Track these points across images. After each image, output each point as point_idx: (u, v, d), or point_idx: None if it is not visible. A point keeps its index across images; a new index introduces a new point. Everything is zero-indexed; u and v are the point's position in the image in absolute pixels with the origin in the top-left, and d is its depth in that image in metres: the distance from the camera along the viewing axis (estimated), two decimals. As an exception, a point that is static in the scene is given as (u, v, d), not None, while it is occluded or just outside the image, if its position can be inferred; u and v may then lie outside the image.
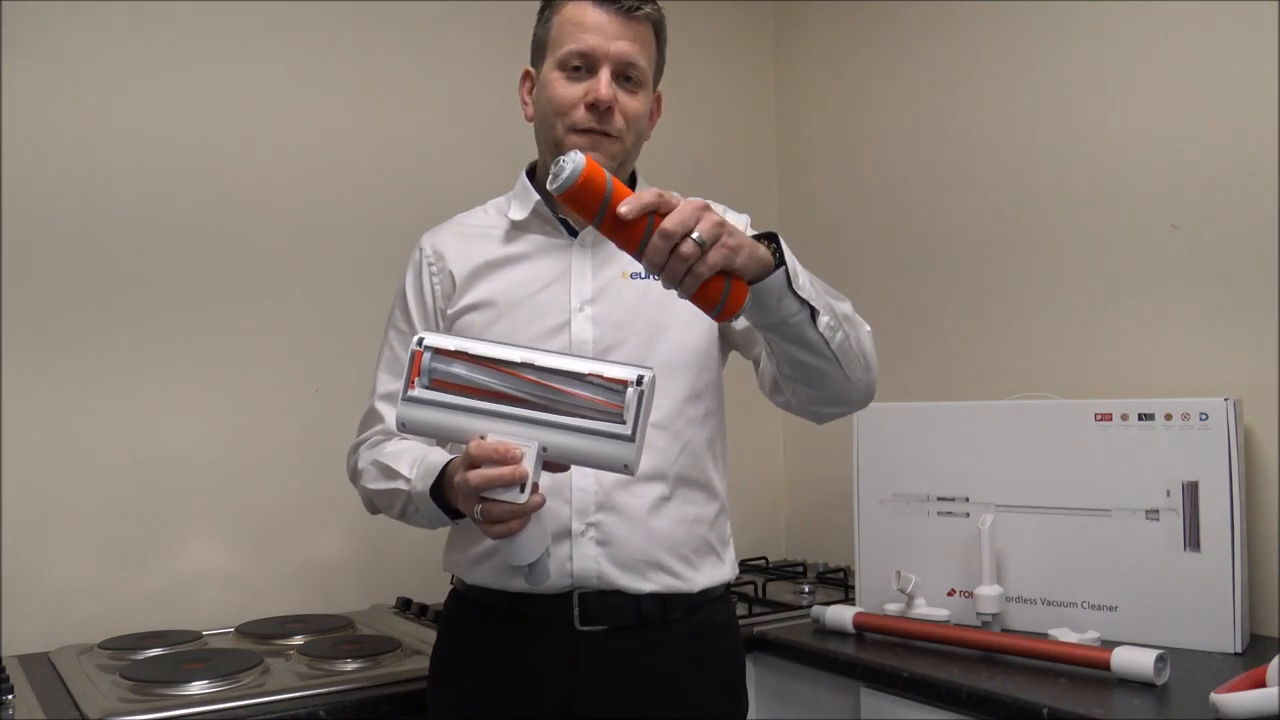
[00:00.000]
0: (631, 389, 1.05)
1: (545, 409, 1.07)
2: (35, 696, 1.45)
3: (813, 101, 2.47)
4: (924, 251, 2.16)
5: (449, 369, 1.08)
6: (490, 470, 1.05)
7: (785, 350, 1.16)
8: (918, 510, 1.81)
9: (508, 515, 1.06)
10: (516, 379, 1.07)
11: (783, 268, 1.06)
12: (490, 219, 1.40)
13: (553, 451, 1.07)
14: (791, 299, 1.09)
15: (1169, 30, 1.76)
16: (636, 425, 1.05)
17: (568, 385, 1.07)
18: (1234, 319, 1.68)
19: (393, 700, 1.44)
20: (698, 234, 0.98)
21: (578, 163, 0.99)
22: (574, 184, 0.98)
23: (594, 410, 1.06)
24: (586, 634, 1.26)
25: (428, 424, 1.10)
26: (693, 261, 0.98)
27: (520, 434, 1.07)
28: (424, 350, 1.09)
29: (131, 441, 1.83)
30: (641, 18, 1.28)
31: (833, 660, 1.62)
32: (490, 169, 1.68)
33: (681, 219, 0.98)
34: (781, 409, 1.33)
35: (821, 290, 1.14)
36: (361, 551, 2.01)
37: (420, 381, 1.08)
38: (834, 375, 1.19)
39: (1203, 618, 1.55)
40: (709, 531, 1.34)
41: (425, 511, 1.25)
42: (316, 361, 1.97)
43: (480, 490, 1.06)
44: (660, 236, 0.98)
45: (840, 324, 1.15)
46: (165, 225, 1.87)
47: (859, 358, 1.20)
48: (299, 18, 2.00)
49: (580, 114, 1.28)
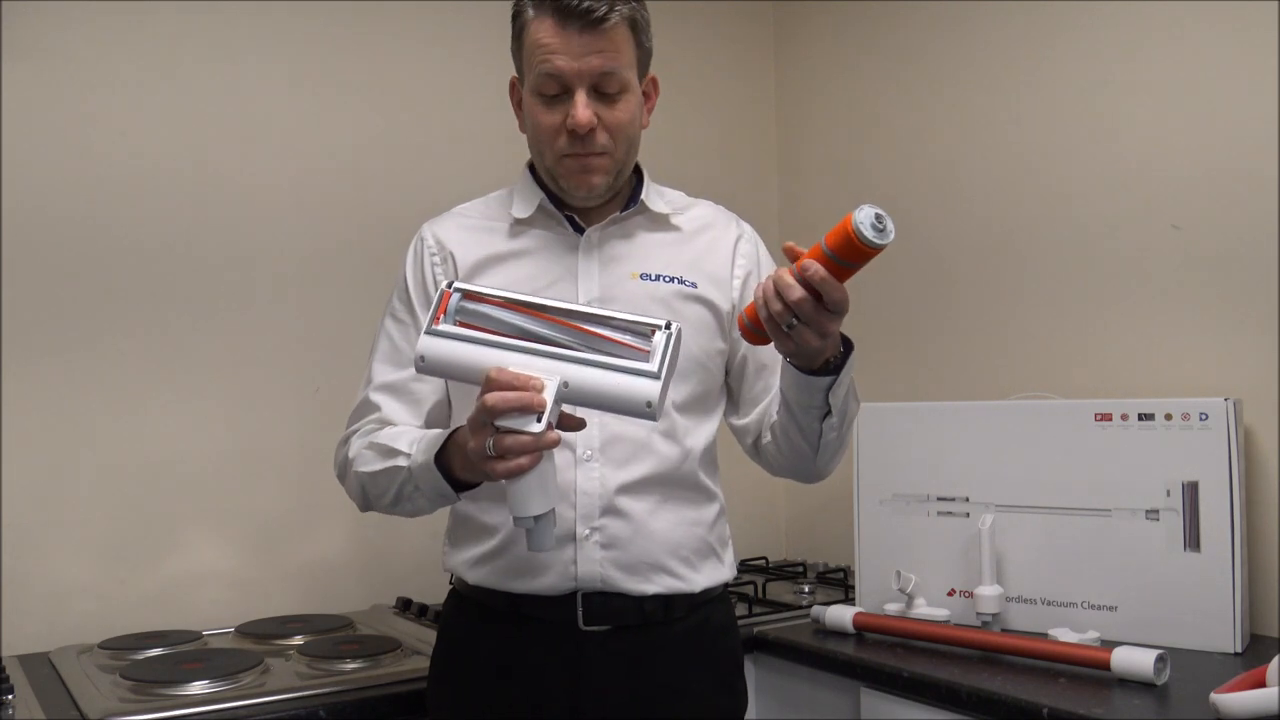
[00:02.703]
0: (660, 333, 1.06)
1: (570, 348, 1.07)
2: (35, 696, 1.45)
3: (813, 101, 2.47)
4: (924, 251, 2.16)
5: (477, 308, 1.09)
6: (508, 393, 1.03)
7: (785, 415, 1.28)
8: (918, 510, 1.81)
9: (520, 448, 1.03)
10: (543, 320, 1.07)
11: (832, 376, 1.20)
12: (492, 211, 1.38)
13: (574, 387, 1.05)
14: (821, 397, 1.22)
15: (1169, 31, 1.76)
16: (663, 366, 1.04)
17: (595, 327, 1.08)
18: (1234, 319, 1.68)
19: (393, 700, 1.44)
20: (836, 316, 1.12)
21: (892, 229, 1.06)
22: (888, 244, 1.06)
23: (621, 351, 1.06)
24: (590, 634, 1.26)
25: (449, 357, 1.08)
26: (805, 333, 1.12)
27: (543, 368, 1.05)
28: (453, 292, 1.10)
29: (131, 442, 1.83)
30: (610, 25, 1.21)
31: (833, 660, 1.62)
32: (490, 169, 1.68)
33: (843, 299, 1.11)
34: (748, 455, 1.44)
35: (845, 396, 1.25)
36: (361, 551, 2.01)
37: (446, 320, 1.09)
38: (807, 453, 1.30)
39: (1203, 618, 1.55)
40: (709, 533, 1.34)
41: (426, 485, 1.19)
42: (316, 362, 1.97)
43: (496, 414, 1.03)
44: (829, 304, 1.10)
45: (840, 427, 1.27)
46: (165, 225, 1.87)
47: (836, 455, 1.33)
48: (299, 19, 2.00)
49: (562, 142, 1.25)
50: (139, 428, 1.83)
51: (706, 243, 1.39)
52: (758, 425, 1.39)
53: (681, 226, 1.38)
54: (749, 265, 1.39)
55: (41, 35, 1.78)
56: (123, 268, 1.83)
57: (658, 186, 1.40)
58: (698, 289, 1.34)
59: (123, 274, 1.83)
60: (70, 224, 1.79)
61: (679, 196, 1.43)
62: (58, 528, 1.76)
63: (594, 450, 1.27)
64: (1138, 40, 1.80)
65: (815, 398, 1.23)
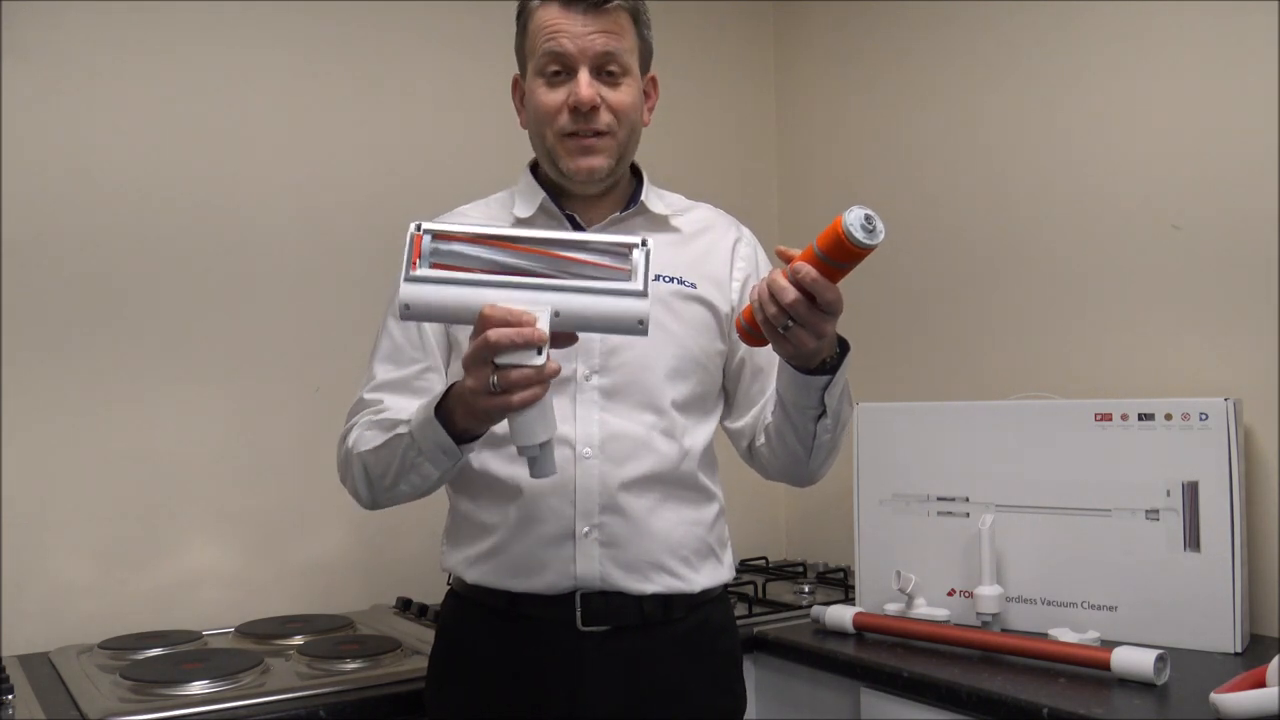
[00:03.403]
0: (638, 250, 1.07)
1: (551, 277, 1.06)
2: (35, 696, 1.45)
3: (813, 101, 2.47)
4: (924, 251, 2.16)
5: (451, 248, 1.07)
6: (509, 329, 1.02)
7: (780, 416, 1.30)
8: (918, 510, 1.81)
9: (527, 380, 1.03)
10: (520, 252, 1.07)
11: (827, 375, 1.22)
12: (493, 212, 1.39)
13: (565, 315, 1.05)
14: (818, 396, 1.24)
15: (1169, 30, 1.76)
16: (646, 282, 1.06)
17: (572, 253, 1.07)
18: (1234, 319, 1.68)
19: (393, 700, 1.44)
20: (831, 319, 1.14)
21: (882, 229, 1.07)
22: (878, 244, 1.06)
23: (601, 273, 1.07)
24: (589, 634, 1.26)
25: (433, 302, 1.07)
26: (801, 334, 1.13)
27: (529, 299, 1.05)
28: (423, 234, 1.07)
29: (131, 441, 1.83)
30: (612, 8, 1.26)
31: (833, 660, 1.62)
32: (489, 169, 1.67)
33: (836, 299, 1.12)
34: (742, 458, 1.46)
35: (840, 396, 1.27)
36: (361, 551, 2.01)
37: (422, 264, 1.07)
38: (800, 455, 1.32)
39: (1203, 618, 1.55)
40: (708, 533, 1.34)
41: (428, 444, 1.17)
42: (316, 361, 1.97)
43: (497, 351, 1.02)
44: (822, 305, 1.11)
45: (834, 428, 1.29)
46: (165, 225, 1.87)
47: (828, 458, 1.35)
48: (299, 19, 2.00)
49: (565, 120, 1.27)
50: (139, 428, 1.83)
51: (706, 245, 1.40)
52: (752, 428, 1.40)
53: (681, 228, 1.39)
54: (748, 268, 1.41)
55: (41, 35, 1.78)
56: (123, 268, 1.83)
57: (657, 189, 1.41)
58: (697, 290, 1.35)
59: (123, 274, 1.83)
60: (70, 224, 1.79)
61: (678, 199, 1.44)
62: (58, 528, 1.76)
63: (593, 448, 1.27)
64: (1138, 40, 1.80)
65: (811, 397, 1.24)
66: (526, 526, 1.27)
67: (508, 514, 1.28)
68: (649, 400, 1.30)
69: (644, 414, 1.29)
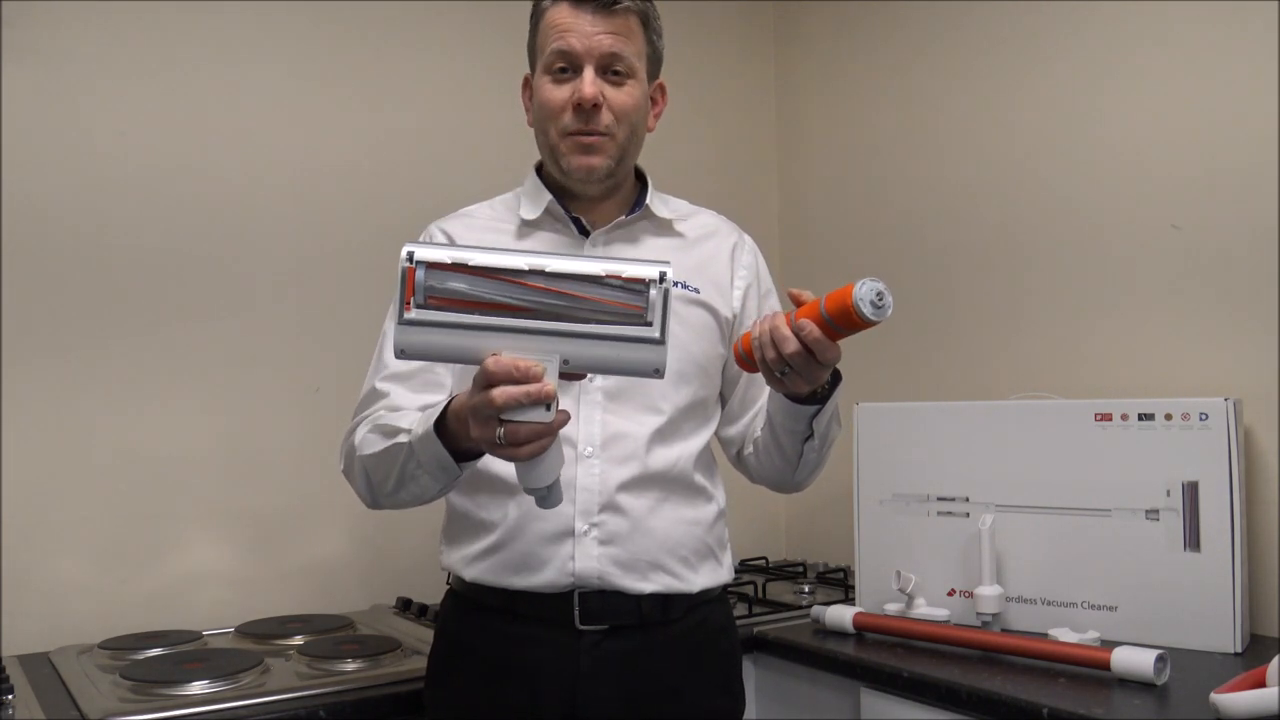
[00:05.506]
0: (655, 288, 0.99)
1: (560, 318, 0.99)
2: (35, 696, 1.45)
3: (813, 101, 2.48)
4: (924, 251, 2.16)
5: (447, 285, 0.98)
6: (515, 389, 0.97)
7: (769, 434, 1.34)
8: (918, 510, 1.81)
9: (535, 435, 1.00)
10: (524, 288, 0.98)
11: (818, 405, 1.26)
12: (499, 214, 1.39)
13: (575, 364, 1.00)
14: (806, 422, 1.28)
15: (1168, 30, 1.76)
16: (664, 326, 0.99)
17: (582, 290, 0.99)
18: (1234, 319, 1.68)
19: (393, 700, 1.44)
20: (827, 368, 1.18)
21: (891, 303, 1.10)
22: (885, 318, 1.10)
23: (614, 314, 0.99)
24: (587, 633, 1.26)
25: (430, 348, 1.00)
26: (796, 379, 1.17)
27: (537, 347, 0.98)
28: (416, 266, 0.98)
29: (131, 441, 1.83)
30: (621, 10, 1.27)
31: (833, 660, 1.62)
32: (489, 170, 1.68)
33: (836, 357, 1.17)
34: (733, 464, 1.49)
35: (828, 421, 1.30)
36: (361, 551, 2.01)
37: (416, 301, 0.98)
38: (786, 470, 1.37)
39: (1203, 618, 1.55)
40: (707, 534, 1.35)
41: (428, 458, 1.14)
42: (316, 361, 1.97)
43: (504, 411, 0.98)
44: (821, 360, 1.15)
45: (820, 449, 1.33)
46: (165, 225, 1.87)
47: (814, 471, 1.39)
48: (299, 19, 2.00)
49: (568, 117, 1.28)
50: (139, 427, 1.83)
51: (709, 250, 1.41)
52: (741, 437, 1.44)
53: (685, 233, 1.40)
54: (749, 277, 1.43)
55: (41, 35, 1.78)
56: (123, 268, 1.83)
57: (662, 194, 1.42)
58: (701, 294, 1.36)
59: (123, 274, 1.83)
60: (70, 224, 1.79)
61: (683, 204, 1.45)
62: (58, 528, 1.76)
63: (595, 447, 1.27)
64: (1138, 40, 1.80)
65: (800, 424, 1.29)
66: (526, 524, 1.27)
67: (507, 511, 1.28)
68: (651, 402, 1.30)
69: (645, 415, 1.30)
